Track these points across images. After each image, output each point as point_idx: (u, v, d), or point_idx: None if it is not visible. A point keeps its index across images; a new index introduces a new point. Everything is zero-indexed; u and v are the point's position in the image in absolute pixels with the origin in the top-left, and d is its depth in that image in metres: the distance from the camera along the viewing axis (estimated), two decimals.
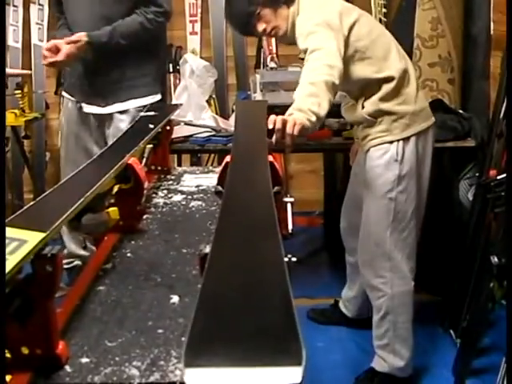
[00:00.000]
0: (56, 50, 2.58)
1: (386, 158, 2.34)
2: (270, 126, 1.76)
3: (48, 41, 2.84)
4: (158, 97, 2.89)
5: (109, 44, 2.64)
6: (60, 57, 2.57)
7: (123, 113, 2.80)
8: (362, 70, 2.30)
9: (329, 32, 2.16)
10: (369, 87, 2.33)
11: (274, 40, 3.42)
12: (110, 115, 2.81)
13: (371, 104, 2.33)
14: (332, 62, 2.08)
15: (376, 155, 2.37)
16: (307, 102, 1.90)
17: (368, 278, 2.47)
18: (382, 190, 2.36)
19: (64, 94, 2.99)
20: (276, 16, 2.34)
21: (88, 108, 2.85)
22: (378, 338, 2.50)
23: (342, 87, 2.24)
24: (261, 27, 2.36)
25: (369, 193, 2.41)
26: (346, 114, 2.53)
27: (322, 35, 2.15)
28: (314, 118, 1.86)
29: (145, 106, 2.67)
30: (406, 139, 2.34)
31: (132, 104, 2.80)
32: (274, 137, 1.78)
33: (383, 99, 2.32)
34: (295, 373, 0.59)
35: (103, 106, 2.81)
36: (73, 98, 2.90)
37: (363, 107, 2.35)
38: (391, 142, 2.34)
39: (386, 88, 2.31)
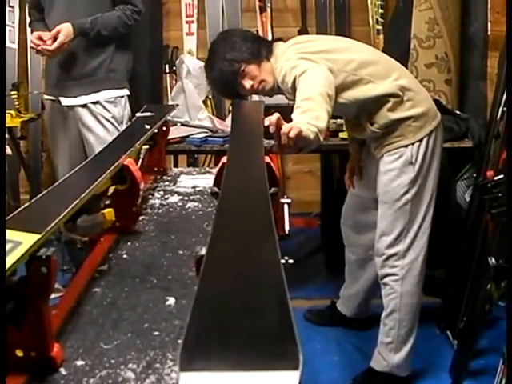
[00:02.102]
0: (43, 41, 2.73)
1: (401, 162, 2.36)
2: (266, 123, 1.76)
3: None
4: (126, 92, 3.01)
5: (90, 32, 2.79)
6: (54, 45, 2.72)
7: (94, 104, 2.91)
8: (357, 92, 2.30)
9: (310, 62, 2.18)
10: (368, 105, 2.33)
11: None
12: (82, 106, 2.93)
13: (381, 117, 2.33)
14: (322, 75, 2.10)
15: (391, 159, 2.38)
16: (304, 118, 1.88)
17: (381, 275, 2.49)
18: (398, 192, 2.37)
19: (45, 96, 3.09)
20: (261, 71, 2.35)
21: (65, 101, 2.94)
22: (382, 335, 2.51)
23: (338, 112, 2.27)
24: (248, 84, 2.35)
25: (384, 196, 2.42)
26: (354, 134, 2.54)
27: (306, 64, 2.16)
28: (314, 129, 1.84)
29: (114, 98, 2.92)
30: (419, 141, 2.35)
31: (100, 96, 2.91)
32: (270, 129, 1.77)
33: (391, 109, 2.32)
34: (292, 377, 0.58)
35: (76, 97, 2.92)
36: (53, 98, 3.00)
37: (372, 124, 2.35)
38: (406, 146, 2.35)
39: (390, 99, 2.31)
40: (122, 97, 2.96)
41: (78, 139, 2.98)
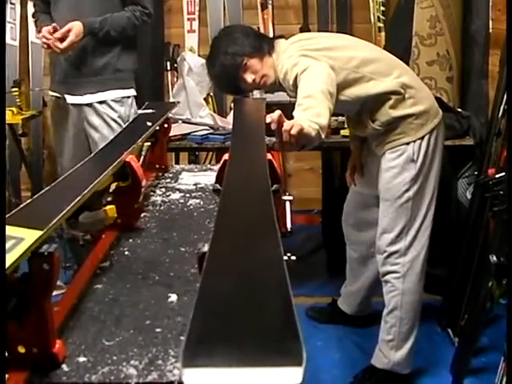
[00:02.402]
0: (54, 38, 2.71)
1: (403, 159, 2.36)
2: (268, 120, 1.76)
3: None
4: (133, 92, 3.00)
5: (99, 32, 2.78)
6: (64, 44, 2.70)
7: (100, 103, 2.91)
8: (359, 90, 2.30)
9: (311, 59, 2.18)
10: (370, 103, 2.33)
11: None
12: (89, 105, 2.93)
13: (383, 115, 2.33)
14: (324, 72, 2.10)
15: (392, 156, 2.38)
16: (306, 115, 1.88)
17: (382, 273, 2.49)
18: (399, 190, 2.38)
19: (50, 93, 3.08)
20: (263, 65, 2.35)
21: (70, 98, 2.94)
22: (383, 332, 2.52)
23: (339, 109, 2.27)
24: (250, 78, 2.34)
25: (385, 193, 2.42)
26: (356, 131, 2.54)
27: (307, 61, 2.17)
28: (315, 126, 1.84)
29: (121, 98, 2.92)
30: (421, 138, 2.35)
31: (107, 95, 2.91)
32: (272, 126, 1.77)
33: (393, 107, 2.32)
34: (295, 373, 0.58)
35: (82, 95, 2.91)
36: (58, 95, 2.98)
37: (373, 121, 2.35)
38: (408, 143, 2.35)
39: (392, 97, 2.31)
40: (129, 97, 2.95)
41: (82, 136, 2.97)
